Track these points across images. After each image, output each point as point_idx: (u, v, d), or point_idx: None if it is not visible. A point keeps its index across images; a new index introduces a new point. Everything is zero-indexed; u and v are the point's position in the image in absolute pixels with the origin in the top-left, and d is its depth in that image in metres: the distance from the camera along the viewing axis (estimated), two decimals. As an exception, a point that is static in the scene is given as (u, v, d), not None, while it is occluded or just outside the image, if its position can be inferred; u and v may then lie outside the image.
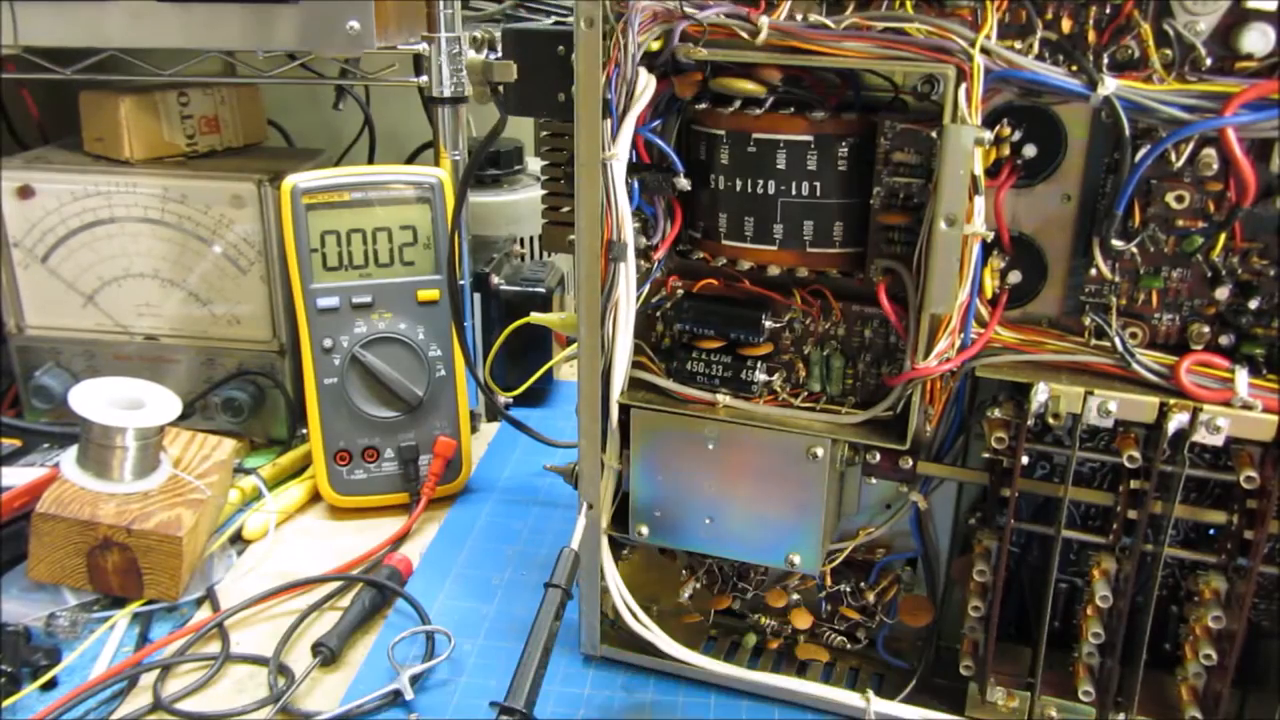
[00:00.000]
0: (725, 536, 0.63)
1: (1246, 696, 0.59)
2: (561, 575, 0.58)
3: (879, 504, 0.64)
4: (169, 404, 0.78)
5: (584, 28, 0.54)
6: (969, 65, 0.49)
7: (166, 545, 0.72)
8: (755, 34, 0.52)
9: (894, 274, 0.56)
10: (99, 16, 0.84)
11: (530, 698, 0.53)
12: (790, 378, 0.62)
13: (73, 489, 0.73)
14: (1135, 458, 0.54)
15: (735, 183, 0.57)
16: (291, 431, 0.95)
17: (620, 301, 0.57)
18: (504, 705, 0.52)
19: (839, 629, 0.68)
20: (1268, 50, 0.48)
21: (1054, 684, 0.61)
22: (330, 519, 0.87)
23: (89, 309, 0.94)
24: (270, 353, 0.94)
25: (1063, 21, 0.50)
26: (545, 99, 0.67)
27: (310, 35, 0.83)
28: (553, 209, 0.74)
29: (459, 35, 0.87)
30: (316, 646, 0.68)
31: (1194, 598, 0.58)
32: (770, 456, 0.60)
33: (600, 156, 0.55)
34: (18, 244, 0.92)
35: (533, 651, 0.54)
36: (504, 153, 1.14)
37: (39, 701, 0.64)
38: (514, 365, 1.01)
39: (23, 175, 0.91)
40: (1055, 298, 0.56)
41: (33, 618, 0.71)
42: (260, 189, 0.89)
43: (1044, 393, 0.53)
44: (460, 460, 0.89)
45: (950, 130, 0.49)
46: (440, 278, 0.86)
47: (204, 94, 0.96)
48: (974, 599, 0.60)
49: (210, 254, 0.91)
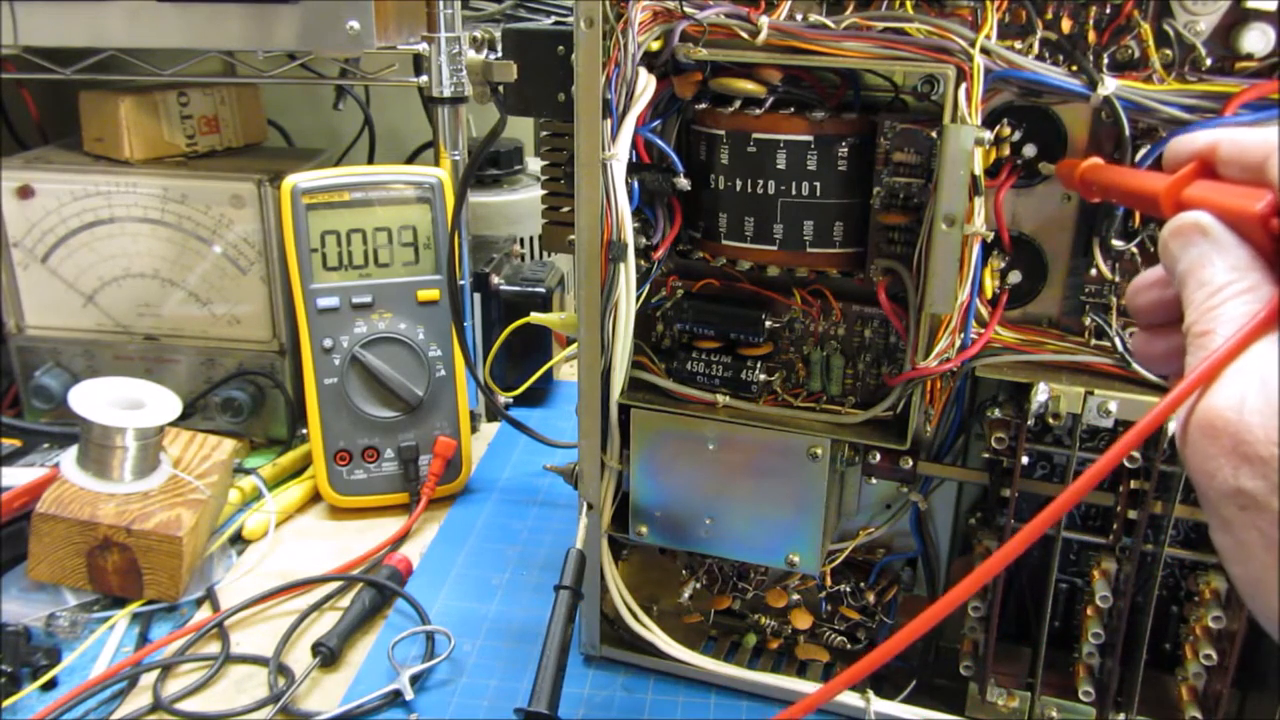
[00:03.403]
0: (725, 537, 0.63)
1: (1246, 696, 0.59)
2: (570, 576, 0.58)
3: (879, 504, 0.64)
4: (169, 404, 0.78)
5: (584, 28, 0.54)
6: (969, 65, 0.49)
7: (166, 545, 0.72)
8: (755, 34, 0.52)
9: (894, 274, 0.56)
10: (99, 16, 0.84)
11: (553, 700, 0.53)
12: (790, 378, 0.62)
13: (73, 489, 0.73)
14: (1135, 458, 0.54)
15: (735, 183, 0.57)
16: (291, 431, 0.95)
17: (620, 301, 0.57)
18: (529, 710, 0.52)
19: (839, 629, 0.68)
20: (1268, 50, 0.48)
21: (1054, 684, 0.61)
22: (330, 519, 0.87)
23: (89, 309, 0.94)
24: (270, 353, 0.94)
25: (1063, 21, 0.50)
26: (545, 99, 0.67)
27: (310, 35, 0.83)
28: (553, 209, 0.74)
29: (459, 35, 0.87)
30: (316, 646, 0.68)
31: (1194, 598, 0.58)
32: (770, 456, 0.60)
33: (600, 156, 0.55)
34: (18, 244, 0.92)
35: (550, 653, 0.54)
36: (504, 153, 1.14)
37: (39, 701, 0.64)
38: (514, 365, 1.01)
39: (23, 175, 0.91)
40: (1055, 298, 0.56)
41: (33, 618, 0.71)
42: (260, 189, 0.89)
43: (1044, 393, 0.53)
44: (460, 460, 0.89)
45: (950, 130, 0.49)
46: (440, 278, 0.86)
47: (204, 94, 0.96)
48: (974, 599, 0.60)
49: (210, 254, 0.91)
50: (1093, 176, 0.45)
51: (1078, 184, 0.46)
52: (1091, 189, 0.46)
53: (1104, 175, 0.45)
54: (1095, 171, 0.45)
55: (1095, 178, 0.45)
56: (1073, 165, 0.47)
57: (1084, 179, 0.46)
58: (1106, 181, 0.44)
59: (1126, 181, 0.42)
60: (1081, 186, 0.46)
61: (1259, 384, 0.28)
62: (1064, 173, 0.49)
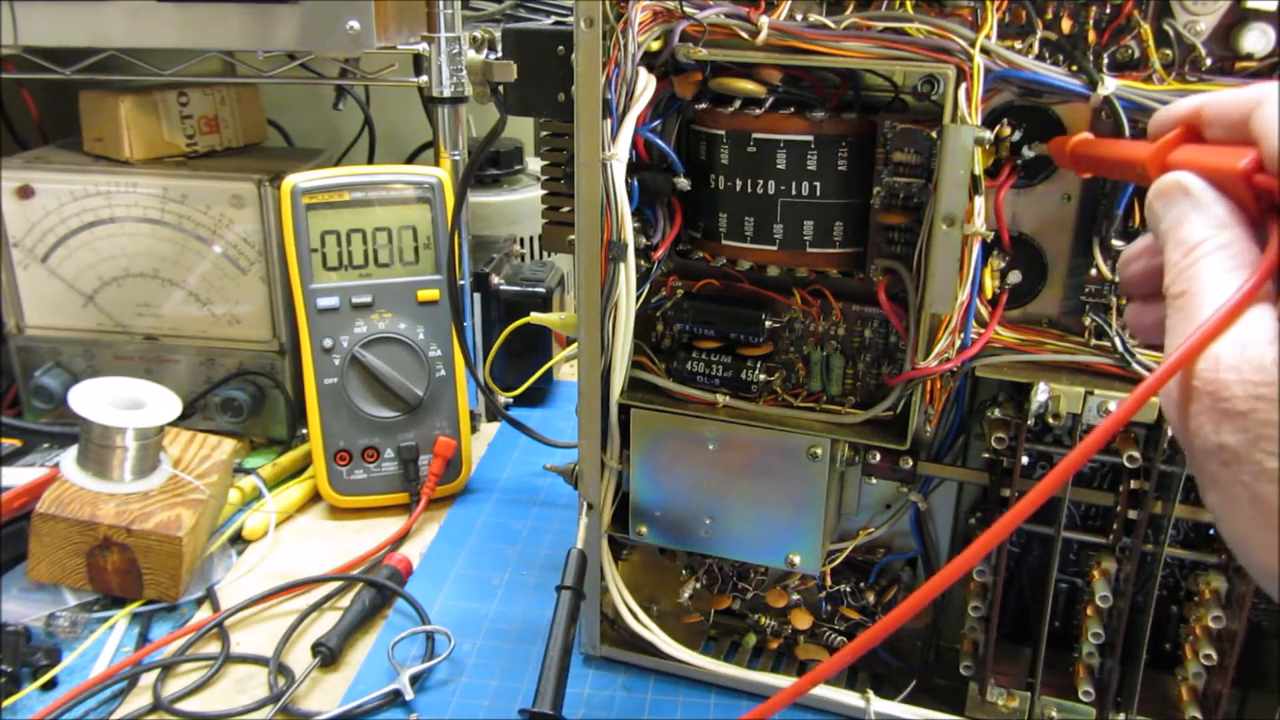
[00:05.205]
0: (725, 536, 0.63)
1: (1246, 696, 0.59)
2: (572, 577, 0.58)
3: (879, 504, 0.64)
4: (169, 404, 0.78)
5: (584, 28, 0.54)
6: (969, 65, 0.49)
7: (166, 545, 0.72)
8: (755, 34, 0.52)
9: (894, 274, 0.56)
10: (99, 16, 0.84)
11: (557, 700, 0.53)
12: (790, 378, 0.62)
13: (73, 489, 0.73)
14: (1135, 458, 0.54)
15: (735, 183, 0.57)
16: (291, 431, 0.95)
17: (620, 301, 0.57)
18: (533, 711, 0.52)
19: (839, 629, 0.68)
20: (1268, 50, 0.48)
21: (1054, 684, 0.61)
22: (330, 519, 0.87)
23: (89, 309, 0.94)
24: (270, 353, 0.94)
25: (1063, 21, 0.50)
26: (545, 99, 0.67)
27: (310, 35, 0.83)
28: (553, 209, 0.74)
29: (459, 35, 0.87)
30: (316, 646, 0.68)
31: (1194, 598, 0.58)
32: (770, 456, 0.60)
33: (600, 156, 0.55)
34: (18, 244, 0.92)
35: (553, 654, 0.54)
36: (504, 153, 1.14)
37: (39, 701, 0.64)
38: (514, 365, 1.01)
39: (23, 175, 0.91)
40: (1055, 298, 0.56)
41: (33, 618, 0.71)
42: (260, 189, 0.89)
43: (1044, 393, 0.53)
44: (460, 460, 0.89)
45: (950, 130, 0.49)
46: (440, 278, 0.86)
47: (204, 94, 0.96)
48: (974, 599, 0.60)
49: (210, 254, 0.91)
50: (1082, 150, 0.46)
51: (1069, 159, 0.47)
52: (1082, 164, 0.46)
53: (1093, 149, 0.45)
54: (1085, 146, 0.46)
55: (1085, 151, 0.46)
56: (1064, 142, 0.47)
57: (1074, 154, 0.46)
58: (1096, 154, 0.45)
59: (1114, 152, 0.43)
60: (1072, 161, 0.47)
61: (1233, 342, 0.28)
62: (1055, 149, 0.49)
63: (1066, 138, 0.47)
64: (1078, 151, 0.46)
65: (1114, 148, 0.43)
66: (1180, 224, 0.31)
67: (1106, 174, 0.49)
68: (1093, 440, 0.31)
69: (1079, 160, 0.46)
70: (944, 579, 0.33)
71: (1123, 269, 0.37)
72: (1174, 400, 0.30)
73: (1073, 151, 0.46)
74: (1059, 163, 0.50)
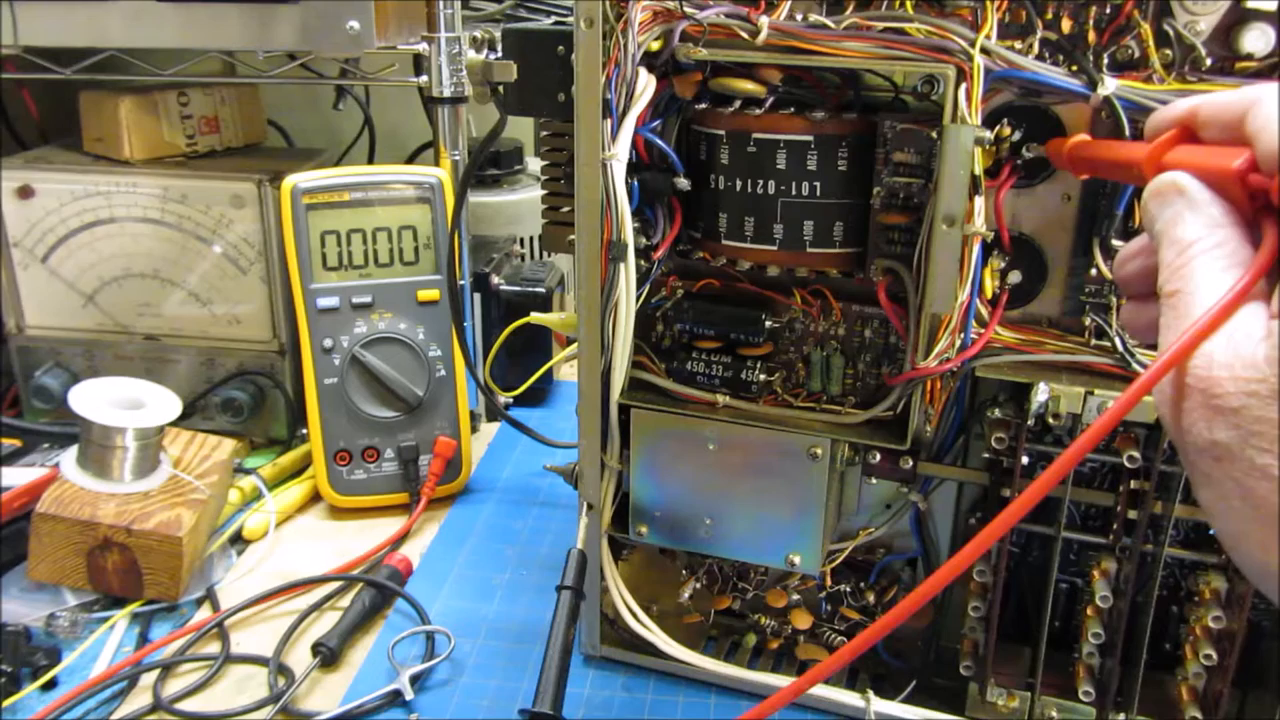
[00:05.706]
0: (725, 537, 0.63)
1: (1246, 696, 0.59)
2: (572, 577, 0.58)
3: (879, 504, 0.64)
4: (169, 404, 0.78)
5: (584, 28, 0.54)
6: (969, 65, 0.49)
7: (166, 545, 0.72)
8: (755, 34, 0.52)
9: (894, 274, 0.56)
10: (99, 16, 0.84)
11: (557, 700, 0.53)
12: (790, 378, 0.62)
13: (73, 489, 0.73)
14: (1135, 458, 0.54)
15: (735, 183, 0.57)
16: (291, 431, 0.95)
17: (620, 301, 0.57)
18: (533, 711, 0.52)
19: (839, 629, 0.68)
20: (1268, 50, 0.48)
21: (1054, 684, 0.61)
22: (330, 519, 0.87)
23: (89, 309, 0.94)
24: (270, 353, 0.94)
25: (1063, 21, 0.50)
26: (545, 99, 0.66)
27: (310, 35, 0.83)
28: (553, 209, 0.74)
29: (459, 35, 0.87)
30: (316, 646, 0.68)
31: (1194, 598, 0.58)
32: (770, 456, 0.60)
33: (600, 156, 0.55)
34: (18, 244, 0.92)
35: (553, 654, 0.54)
36: (504, 153, 1.14)
37: (39, 701, 0.64)
38: (514, 365, 1.01)
39: (23, 175, 0.91)
40: (1055, 298, 0.56)
41: (33, 618, 0.71)
42: (260, 189, 0.89)
43: (1044, 393, 0.53)
44: (460, 460, 0.89)
45: (950, 130, 0.49)
46: (440, 278, 0.86)
47: (204, 94, 0.96)
48: (974, 599, 0.60)
49: (210, 254, 0.91)
50: (1079, 152, 0.46)
51: (1066, 160, 0.47)
52: (1079, 165, 0.47)
53: (1090, 150, 0.46)
54: (1081, 147, 0.46)
55: (1082, 153, 0.46)
56: (1061, 144, 0.47)
57: (1071, 155, 0.46)
58: (1092, 156, 0.45)
59: (1111, 153, 0.43)
60: (1070, 163, 0.47)
61: (1225, 339, 0.28)
62: (1052, 151, 0.50)
63: (1064, 139, 0.48)
64: (1075, 153, 0.46)
65: (1110, 149, 0.44)
66: (1175, 223, 0.31)
67: (1103, 175, 0.49)
68: (1088, 437, 0.31)
69: (1076, 162, 0.46)
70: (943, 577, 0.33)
71: (1118, 268, 0.37)
72: (1167, 397, 0.30)
73: (1070, 153, 0.46)
74: (1056, 164, 0.50)
